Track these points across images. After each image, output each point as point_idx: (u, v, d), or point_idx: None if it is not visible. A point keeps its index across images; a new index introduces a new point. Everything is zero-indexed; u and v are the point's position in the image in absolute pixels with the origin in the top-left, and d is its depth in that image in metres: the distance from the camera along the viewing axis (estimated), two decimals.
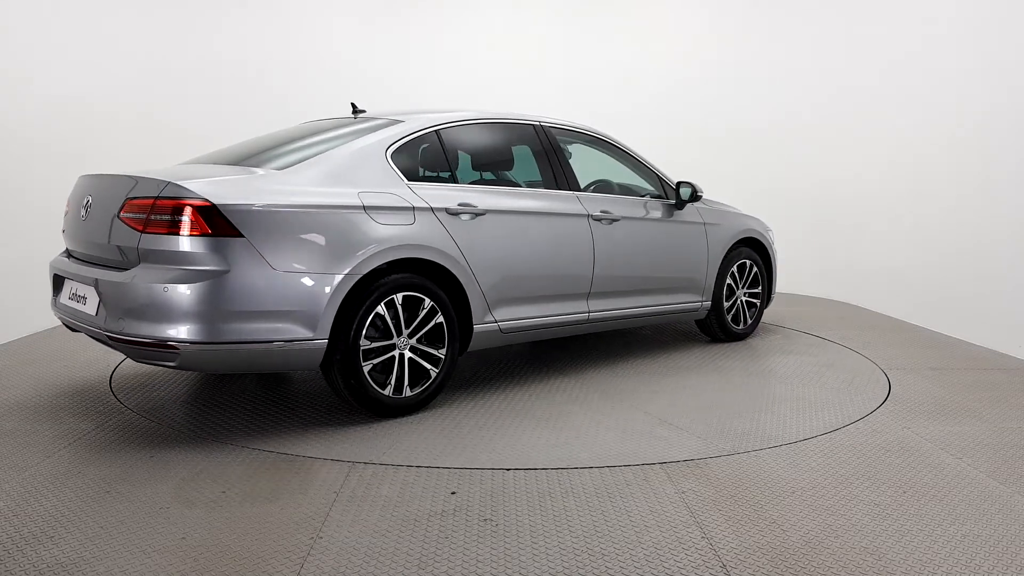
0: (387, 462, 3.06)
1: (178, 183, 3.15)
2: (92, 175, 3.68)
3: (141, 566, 2.21)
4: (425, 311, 3.59)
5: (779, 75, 7.67)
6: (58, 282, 3.75)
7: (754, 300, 5.45)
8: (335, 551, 2.33)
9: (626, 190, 4.87)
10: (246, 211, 3.13)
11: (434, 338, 3.67)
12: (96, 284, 3.31)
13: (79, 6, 6.36)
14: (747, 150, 7.71)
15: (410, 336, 3.56)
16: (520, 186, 4.43)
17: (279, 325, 3.18)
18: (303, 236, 3.25)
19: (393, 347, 3.51)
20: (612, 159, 4.85)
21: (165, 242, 3.10)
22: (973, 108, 5.87)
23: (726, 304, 5.22)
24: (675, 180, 4.92)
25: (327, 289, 3.25)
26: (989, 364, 4.89)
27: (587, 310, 4.36)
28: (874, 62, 7.06)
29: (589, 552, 2.34)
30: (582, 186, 4.77)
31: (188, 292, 3.03)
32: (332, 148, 3.65)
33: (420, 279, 3.59)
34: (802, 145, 7.64)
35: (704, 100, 7.80)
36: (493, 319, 3.91)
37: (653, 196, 4.85)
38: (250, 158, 3.71)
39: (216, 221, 3.08)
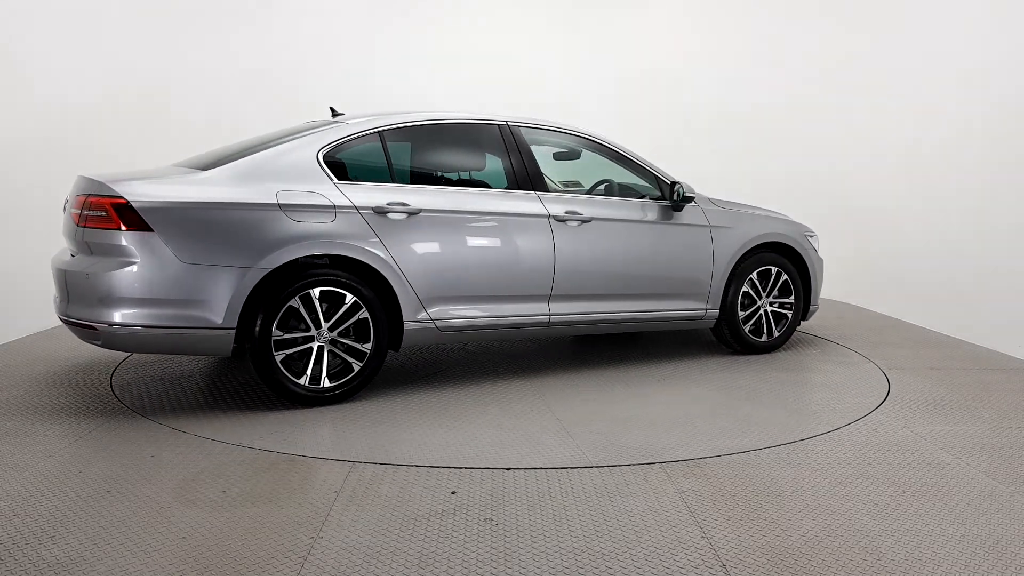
0: (387, 462, 3.07)
1: (106, 183, 3.51)
2: (78, 176, 3.88)
3: (141, 566, 2.22)
4: (347, 306, 3.73)
5: (780, 74, 7.67)
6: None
7: (785, 311, 5.05)
8: (335, 551, 2.33)
9: (628, 191, 4.73)
10: (156, 208, 3.45)
11: (363, 333, 3.80)
12: (55, 272, 3.75)
13: (86, 9, 6.36)
14: (746, 150, 7.71)
15: (331, 330, 3.72)
16: (483, 186, 4.38)
17: (187, 313, 3.48)
18: (211, 231, 3.53)
19: (312, 339, 3.69)
20: (603, 159, 4.71)
21: (92, 235, 3.51)
22: (974, 109, 5.87)
23: (743, 313, 4.88)
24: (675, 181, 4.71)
25: (233, 281, 3.50)
26: (989, 364, 4.89)
27: (548, 312, 4.28)
28: (877, 61, 7.07)
29: (589, 552, 2.35)
30: (587, 186, 4.76)
31: (104, 279, 3.44)
32: (265, 150, 3.85)
33: (342, 275, 3.73)
34: (802, 145, 7.64)
35: (704, 100, 7.80)
36: (428, 317, 3.95)
37: (653, 198, 4.66)
38: (211, 160, 3.88)
39: (130, 217, 3.42)
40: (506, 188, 4.30)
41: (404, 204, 3.90)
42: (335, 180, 3.83)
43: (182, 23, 7.23)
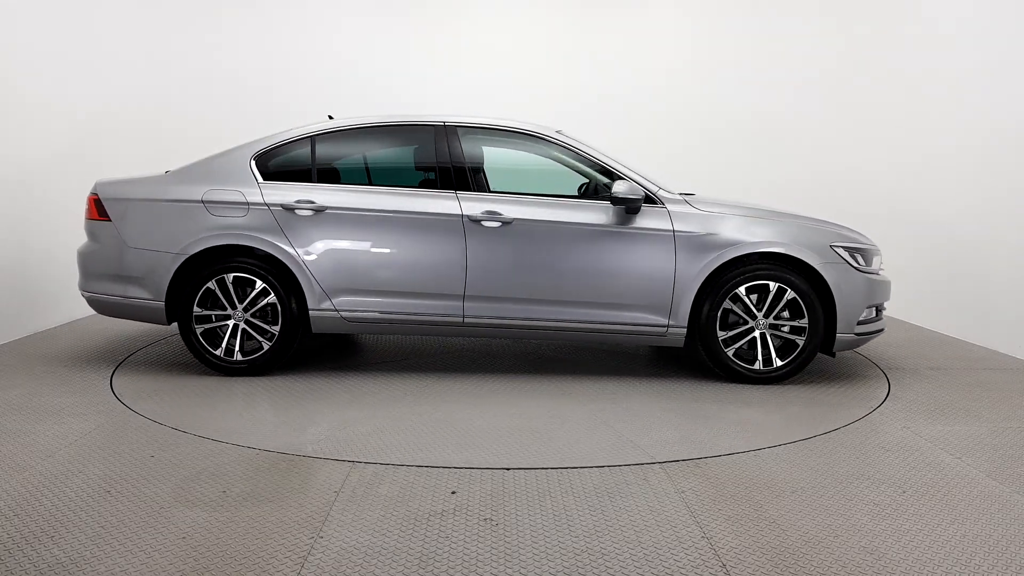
0: (387, 462, 3.07)
1: (97, 182, 4.48)
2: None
3: (141, 566, 2.22)
4: (256, 291, 4.28)
5: (777, 71, 7.67)
6: None
7: (796, 336, 4.25)
8: (335, 551, 2.33)
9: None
10: (114, 202, 4.38)
11: (276, 316, 4.32)
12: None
13: (104, 15, 6.38)
14: (744, 149, 7.70)
15: (245, 311, 4.29)
16: (411, 185, 4.41)
17: (132, 287, 4.36)
18: (151, 223, 4.34)
19: (228, 318, 4.31)
20: (571, 160, 4.50)
21: (86, 224, 4.50)
22: (974, 107, 5.87)
23: (726, 334, 4.26)
24: (658, 182, 4.40)
25: (162, 263, 4.28)
26: (989, 364, 4.90)
27: (462, 313, 4.28)
28: (875, 58, 7.07)
29: (589, 551, 2.35)
30: (577, 188, 4.72)
31: (84, 257, 4.48)
32: (216, 155, 4.48)
33: (253, 263, 4.28)
34: (799, 144, 7.64)
35: (700, 98, 7.79)
36: (333, 307, 4.29)
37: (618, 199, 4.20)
38: (182, 165, 4.50)
39: (101, 209, 4.40)
40: (436, 188, 4.36)
41: (311, 202, 4.29)
42: (260, 180, 4.36)
43: (202, 31, 7.25)
